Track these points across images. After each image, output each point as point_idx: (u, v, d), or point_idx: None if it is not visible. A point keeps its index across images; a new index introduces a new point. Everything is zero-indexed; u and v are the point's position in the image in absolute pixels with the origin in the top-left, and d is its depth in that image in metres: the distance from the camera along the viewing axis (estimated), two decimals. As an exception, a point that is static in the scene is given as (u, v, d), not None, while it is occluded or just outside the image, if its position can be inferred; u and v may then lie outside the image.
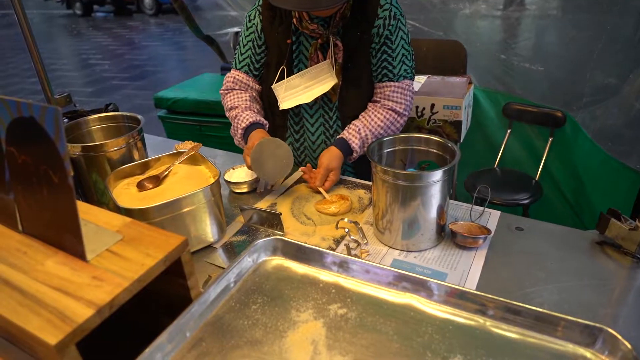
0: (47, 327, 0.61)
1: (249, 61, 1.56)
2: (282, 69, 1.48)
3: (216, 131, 3.01)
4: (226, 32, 3.67)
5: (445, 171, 1.08)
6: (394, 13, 1.41)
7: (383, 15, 1.40)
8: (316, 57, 1.45)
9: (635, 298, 1.01)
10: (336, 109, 1.53)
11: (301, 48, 1.49)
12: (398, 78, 1.46)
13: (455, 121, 2.38)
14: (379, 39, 1.42)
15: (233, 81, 1.60)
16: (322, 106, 1.54)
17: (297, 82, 1.48)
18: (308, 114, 1.56)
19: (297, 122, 1.59)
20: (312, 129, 1.58)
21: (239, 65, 1.58)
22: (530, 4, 2.68)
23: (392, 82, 1.46)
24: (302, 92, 1.49)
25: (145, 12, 12.89)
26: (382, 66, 1.45)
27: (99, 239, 0.78)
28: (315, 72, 1.46)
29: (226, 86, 1.61)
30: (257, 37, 1.52)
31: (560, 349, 0.75)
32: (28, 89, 6.75)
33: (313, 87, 1.47)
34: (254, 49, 1.54)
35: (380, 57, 1.44)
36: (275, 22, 1.47)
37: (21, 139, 0.74)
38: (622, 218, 1.12)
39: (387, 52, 1.43)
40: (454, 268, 1.10)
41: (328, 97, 1.51)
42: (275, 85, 1.50)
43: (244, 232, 1.28)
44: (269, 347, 0.76)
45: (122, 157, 1.35)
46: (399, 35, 1.43)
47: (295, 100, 1.49)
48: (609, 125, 2.33)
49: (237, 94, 1.58)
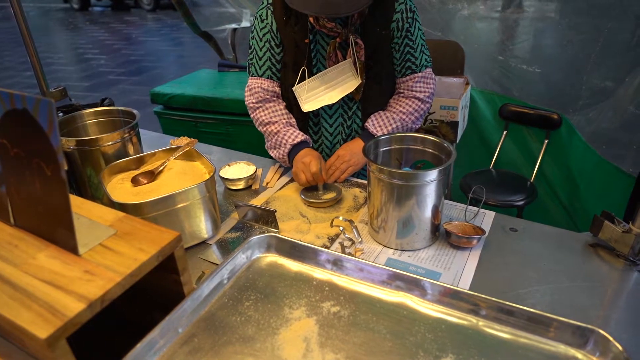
0: (38, 321, 0.60)
1: (269, 64, 1.49)
2: (302, 70, 1.43)
3: (212, 127, 3.00)
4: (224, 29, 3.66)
5: (440, 171, 1.08)
6: (410, 6, 1.42)
7: (400, 9, 1.40)
8: (334, 57, 1.42)
9: (627, 300, 1.02)
10: (357, 107, 1.52)
11: (318, 47, 1.45)
12: (421, 68, 1.48)
13: (452, 121, 2.39)
14: (399, 32, 1.42)
15: (261, 91, 1.50)
16: (342, 105, 1.52)
17: (318, 83, 1.44)
18: (327, 114, 1.53)
19: (315, 123, 1.56)
20: (330, 129, 1.55)
21: (261, 71, 1.50)
22: (529, 6, 2.69)
23: (416, 73, 1.48)
24: (324, 93, 1.45)
25: (142, 7, 12.84)
26: (406, 59, 1.46)
27: (91, 233, 0.78)
28: (337, 72, 1.43)
29: (256, 98, 1.51)
30: (274, 36, 1.45)
31: (552, 349, 0.76)
32: (23, 83, 6.71)
33: (335, 88, 1.45)
34: (272, 50, 1.47)
35: (403, 51, 1.45)
36: (291, 21, 1.41)
37: (14, 131, 0.73)
38: (615, 220, 1.12)
39: (409, 44, 1.45)
40: (448, 268, 1.10)
41: (349, 96, 1.48)
42: (297, 86, 1.45)
43: (238, 228, 1.28)
44: (261, 344, 0.76)
45: (117, 152, 1.35)
46: (416, 27, 1.45)
47: (317, 102, 1.45)
48: (604, 128, 2.34)
49: (273, 107, 1.51)
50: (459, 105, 2.33)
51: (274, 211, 1.24)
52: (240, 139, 2.91)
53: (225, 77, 3.34)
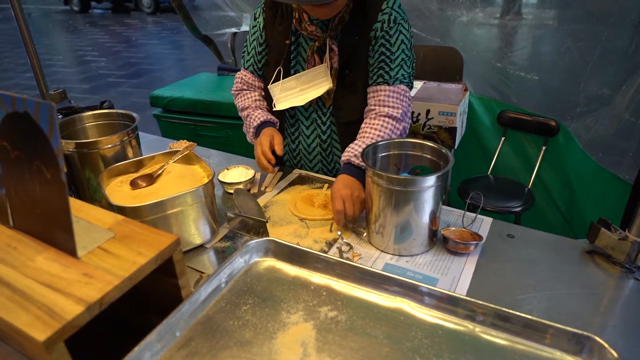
0: (36, 323, 0.60)
1: (253, 61, 1.59)
2: (279, 70, 1.49)
3: (211, 131, 3.00)
4: (224, 33, 3.67)
5: (438, 177, 1.08)
6: (395, 17, 1.37)
7: (382, 19, 1.37)
8: (313, 60, 1.45)
9: (623, 307, 1.02)
10: (330, 114, 1.52)
11: (299, 49, 1.49)
12: (394, 81, 1.39)
13: (450, 127, 2.40)
14: (375, 40, 1.39)
15: (241, 81, 1.64)
16: (316, 110, 1.54)
17: (293, 84, 1.48)
18: (303, 117, 1.56)
19: (292, 124, 1.60)
20: (307, 132, 1.58)
21: (246, 64, 1.62)
22: (527, 14, 2.71)
23: (388, 85, 1.40)
24: (297, 95, 1.49)
25: (143, 10, 12.87)
26: (379, 67, 1.40)
27: (90, 236, 0.78)
28: (312, 75, 1.45)
29: (236, 87, 1.65)
30: (260, 35, 1.54)
31: (548, 356, 0.76)
32: (23, 84, 6.72)
33: (308, 90, 1.47)
34: (257, 48, 1.57)
35: (377, 59, 1.39)
36: (276, 22, 1.49)
37: (15, 134, 0.73)
38: (612, 228, 1.13)
39: (385, 53, 1.38)
40: (445, 273, 1.10)
41: (322, 102, 1.50)
42: (272, 85, 1.50)
43: (229, 238, 1.26)
44: (258, 348, 0.76)
45: (116, 155, 1.35)
46: (399, 39, 1.38)
47: (289, 102, 1.50)
48: (600, 135, 2.35)
49: (246, 95, 1.63)
50: (458, 111, 2.34)
51: (265, 221, 1.24)
52: (239, 143, 2.92)
53: (224, 80, 3.34)
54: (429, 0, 2.62)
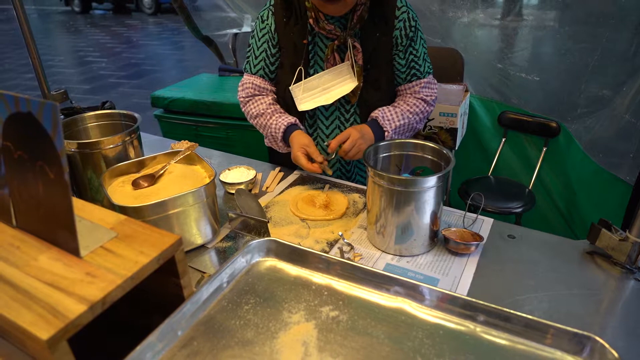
0: (39, 322, 0.61)
1: (263, 64, 1.54)
2: (299, 70, 1.47)
3: (212, 132, 3.01)
4: (225, 33, 3.68)
5: (439, 177, 1.09)
6: (412, 15, 1.46)
7: (402, 18, 1.43)
8: (332, 59, 1.44)
9: (623, 308, 1.02)
10: (354, 111, 1.53)
11: (316, 49, 1.48)
12: (425, 75, 1.53)
13: (451, 128, 2.40)
14: (403, 40, 1.46)
15: (252, 86, 1.57)
16: (339, 107, 1.53)
17: (316, 84, 1.47)
18: (324, 116, 1.55)
19: (311, 125, 1.58)
20: (326, 131, 1.57)
21: (254, 69, 1.56)
22: (528, 15, 2.71)
23: (420, 79, 1.52)
24: (320, 94, 1.48)
25: (144, 11, 12.88)
26: (411, 66, 1.50)
27: (93, 236, 0.78)
28: (334, 73, 1.45)
29: (246, 93, 1.58)
30: (271, 37, 1.50)
31: (549, 356, 0.76)
32: (24, 85, 6.72)
33: (332, 89, 1.47)
34: (268, 50, 1.52)
35: (408, 59, 1.49)
36: (291, 22, 1.46)
37: (18, 134, 0.74)
38: (612, 229, 1.13)
39: (413, 52, 1.49)
40: (446, 274, 1.11)
41: (346, 99, 1.50)
42: (294, 86, 1.48)
43: (230, 237, 1.27)
44: (260, 348, 0.77)
45: (118, 155, 1.35)
46: (419, 36, 1.50)
47: (313, 102, 1.48)
48: (601, 136, 2.35)
49: (259, 100, 1.56)
50: (458, 112, 2.34)
51: (267, 221, 1.24)
52: (241, 144, 2.92)
53: (225, 81, 3.35)
54: (430, 2, 2.62)
